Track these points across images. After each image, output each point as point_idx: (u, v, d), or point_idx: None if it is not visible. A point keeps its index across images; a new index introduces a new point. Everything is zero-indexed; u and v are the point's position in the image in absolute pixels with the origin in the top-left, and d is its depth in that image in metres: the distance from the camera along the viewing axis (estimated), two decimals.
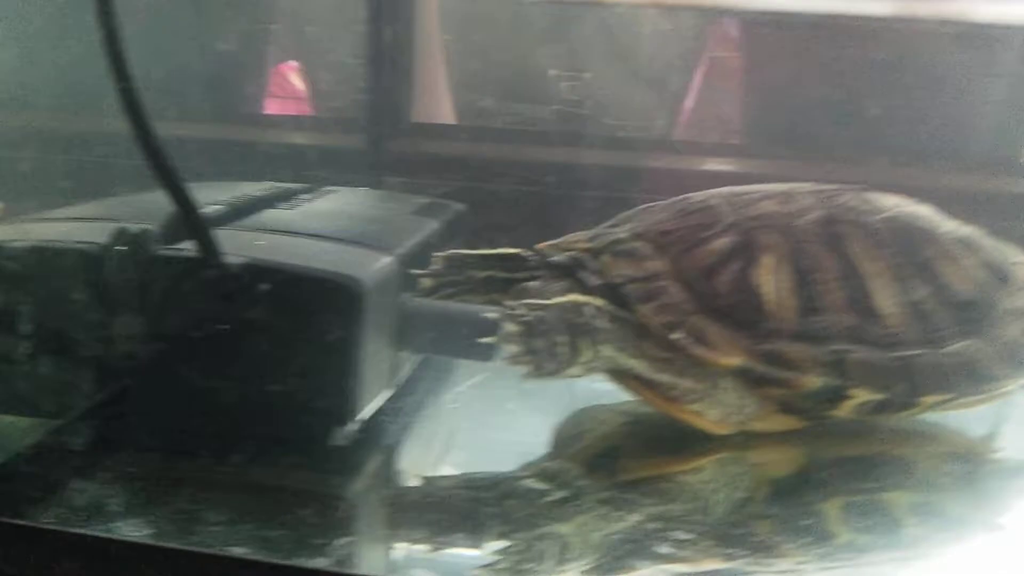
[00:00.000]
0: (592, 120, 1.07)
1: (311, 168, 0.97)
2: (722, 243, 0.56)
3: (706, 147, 1.06)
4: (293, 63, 1.22)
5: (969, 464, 0.57)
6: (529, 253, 0.61)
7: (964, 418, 0.60)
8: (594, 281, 0.56)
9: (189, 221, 0.48)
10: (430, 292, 0.60)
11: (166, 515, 0.44)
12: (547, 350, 0.52)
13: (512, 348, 0.52)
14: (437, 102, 1.10)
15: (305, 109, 1.21)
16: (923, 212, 0.61)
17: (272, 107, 1.22)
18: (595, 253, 0.57)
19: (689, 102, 1.13)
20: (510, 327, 0.52)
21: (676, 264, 0.56)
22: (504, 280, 0.60)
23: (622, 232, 0.58)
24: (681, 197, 0.61)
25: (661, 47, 1.08)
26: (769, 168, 0.98)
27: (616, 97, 1.09)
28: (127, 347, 0.50)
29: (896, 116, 0.96)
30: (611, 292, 0.55)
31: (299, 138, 1.07)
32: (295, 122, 1.15)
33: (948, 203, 0.63)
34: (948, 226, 0.60)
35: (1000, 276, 0.59)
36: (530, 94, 1.08)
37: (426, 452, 0.57)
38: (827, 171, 0.67)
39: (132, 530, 0.42)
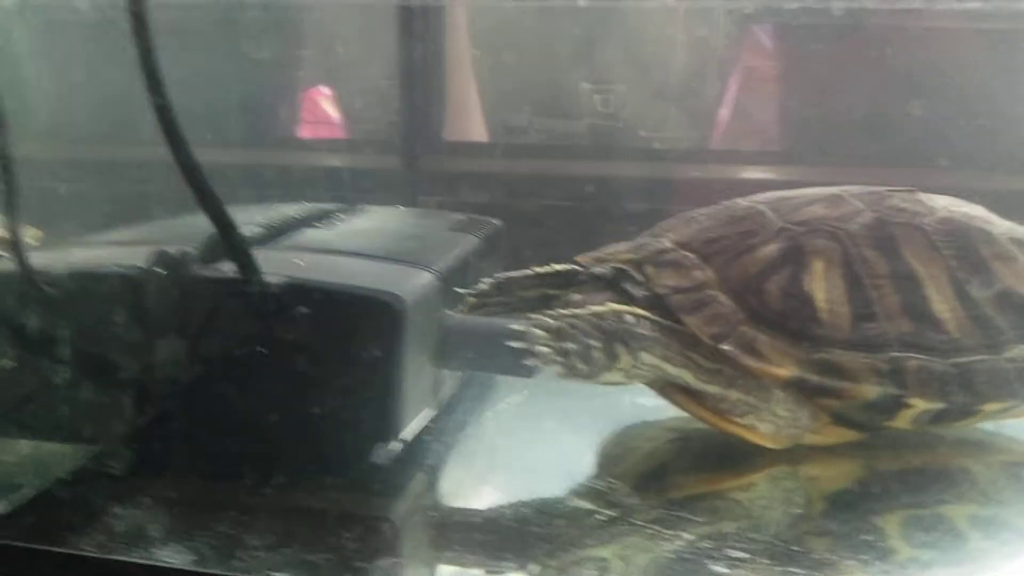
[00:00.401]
0: (626, 133, 1.06)
1: (347, 189, 0.97)
2: (770, 250, 0.55)
3: (743, 156, 1.05)
4: (324, 89, 1.22)
5: None
6: (580, 268, 0.59)
7: None
8: (638, 292, 0.55)
9: (228, 242, 0.47)
10: (478, 310, 0.59)
11: (207, 540, 0.44)
12: (578, 353, 0.51)
13: (542, 350, 0.51)
14: (469, 120, 1.10)
15: (337, 133, 1.21)
16: (977, 212, 0.59)
17: (304, 132, 1.22)
18: (638, 264, 0.56)
19: (724, 112, 1.11)
20: (538, 332, 0.51)
21: (723, 273, 0.54)
22: (556, 297, 0.59)
23: (666, 241, 0.57)
24: (725, 204, 0.59)
25: (694, 57, 1.07)
26: (808, 176, 0.96)
27: (650, 109, 1.08)
28: (167, 370, 0.49)
29: (938, 118, 0.94)
30: (657, 303, 0.54)
31: (334, 160, 1.08)
32: (330, 145, 1.16)
33: (1001, 205, 0.61)
34: (1003, 226, 0.58)
35: None
36: (563, 109, 1.08)
37: (470, 472, 0.55)
38: (868, 177, 0.65)
39: (173, 556, 0.42)
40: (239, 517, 0.46)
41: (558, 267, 0.61)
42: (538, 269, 0.61)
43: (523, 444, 0.60)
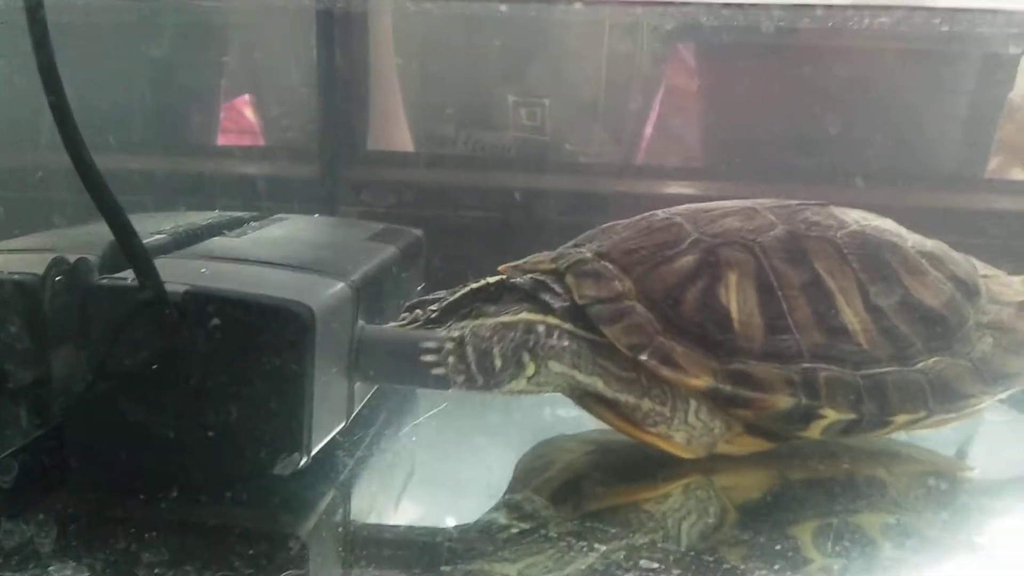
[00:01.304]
0: (551, 146, 1.06)
1: (265, 198, 0.95)
2: (686, 261, 0.55)
3: (666, 171, 1.05)
4: (246, 96, 1.20)
5: (943, 483, 0.56)
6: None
7: (936, 437, 0.59)
8: (558, 303, 0.54)
9: (128, 249, 0.45)
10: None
11: (103, 557, 0.42)
12: (479, 363, 0.51)
13: (447, 360, 0.51)
14: (394, 129, 1.08)
15: (258, 141, 1.19)
16: (887, 226, 0.60)
17: (226, 140, 1.20)
18: (559, 274, 0.56)
19: (649, 128, 1.12)
20: (444, 344, 0.51)
21: (641, 284, 0.54)
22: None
23: (586, 252, 0.57)
24: (644, 215, 0.59)
25: (619, 73, 1.07)
26: (730, 191, 0.97)
27: (575, 123, 1.08)
28: (64, 381, 0.47)
29: (857, 136, 0.96)
30: (576, 313, 0.53)
31: (254, 169, 1.05)
32: (249, 153, 1.13)
33: (913, 221, 0.62)
34: (913, 239, 0.59)
35: (969, 290, 0.58)
36: (489, 120, 1.07)
37: (383, 487, 0.54)
38: (789, 193, 0.66)
39: (67, 574, 0.40)
40: (136, 533, 0.44)
41: (491, 280, 0.60)
42: (472, 285, 0.60)
43: (440, 458, 0.59)
